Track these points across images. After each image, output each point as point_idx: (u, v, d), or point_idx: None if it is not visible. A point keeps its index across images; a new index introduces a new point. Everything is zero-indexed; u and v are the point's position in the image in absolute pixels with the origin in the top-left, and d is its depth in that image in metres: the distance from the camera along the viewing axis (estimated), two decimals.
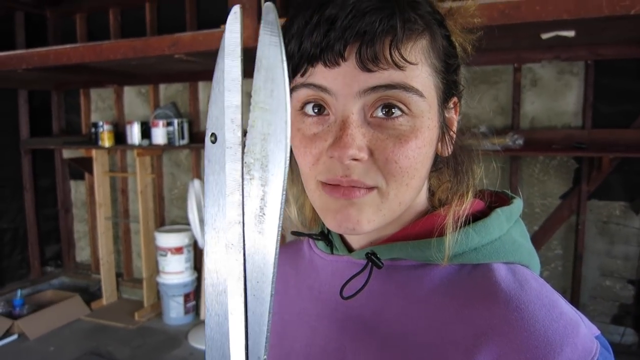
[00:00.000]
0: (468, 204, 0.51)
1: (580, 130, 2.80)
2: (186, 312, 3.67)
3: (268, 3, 0.31)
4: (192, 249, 3.72)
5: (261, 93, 0.31)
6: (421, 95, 0.46)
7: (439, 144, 0.52)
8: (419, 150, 0.47)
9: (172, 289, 3.60)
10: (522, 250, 0.53)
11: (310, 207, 0.60)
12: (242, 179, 0.35)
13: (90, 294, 4.18)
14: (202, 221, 3.30)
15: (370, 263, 0.51)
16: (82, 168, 4.24)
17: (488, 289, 0.47)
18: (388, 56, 0.43)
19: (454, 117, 0.54)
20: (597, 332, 0.46)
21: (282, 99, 0.31)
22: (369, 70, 0.43)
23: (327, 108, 0.46)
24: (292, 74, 0.47)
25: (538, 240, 3.02)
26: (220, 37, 1.51)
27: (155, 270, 3.82)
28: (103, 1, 4.02)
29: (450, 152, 0.54)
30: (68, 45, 2.69)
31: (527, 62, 2.88)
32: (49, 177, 4.49)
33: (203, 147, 2.41)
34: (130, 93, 4.16)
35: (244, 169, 0.33)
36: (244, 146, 0.34)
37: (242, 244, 0.35)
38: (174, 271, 3.60)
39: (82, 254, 4.63)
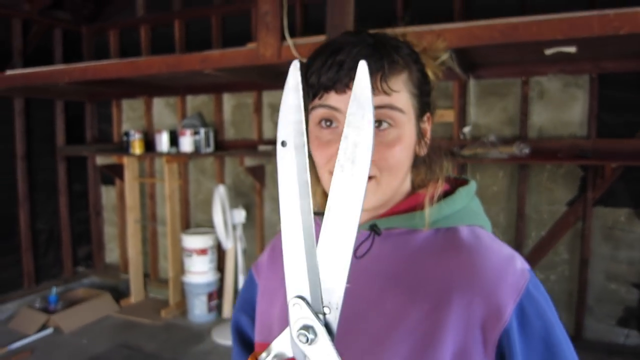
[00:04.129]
0: (440, 187, 0.70)
1: (585, 140, 2.94)
2: (209, 310, 3.88)
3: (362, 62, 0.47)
4: (215, 250, 3.93)
5: (355, 116, 0.47)
6: (402, 112, 0.65)
7: (417, 147, 0.71)
8: (402, 152, 0.66)
9: (196, 288, 3.81)
10: (478, 217, 0.73)
11: (321, 193, 0.79)
12: (309, 172, 0.50)
13: (119, 293, 4.41)
14: (226, 224, 3.51)
15: (372, 232, 0.70)
16: (113, 174, 4.50)
17: (456, 243, 0.67)
18: (379, 86, 0.63)
19: (427, 127, 0.72)
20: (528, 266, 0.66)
21: (368, 122, 0.46)
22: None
23: (337, 122, 0.66)
24: (312, 98, 0.66)
25: (545, 245, 3.15)
26: (245, 54, 1.80)
27: (180, 270, 4.04)
28: (135, 18, 4.30)
29: (425, 152, 0.72)
30: (106, 61, 2.95)
31: (535, 75, 3.03)
32: (82, 182, 4.77)
33: (226, 154, 2.74)
34: (159, 104, 4.42)
35: (337, 163, 0.48)
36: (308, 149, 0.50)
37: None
38: (199, 271, 3.81)
39: (111, 256, 4.89)
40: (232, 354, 0.89)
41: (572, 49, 2.36)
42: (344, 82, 0.62)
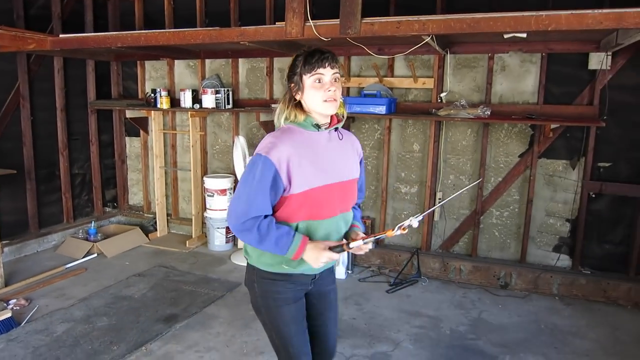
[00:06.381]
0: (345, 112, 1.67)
1: (535, 106, 3.74)
2: (227, 241, 4.67)
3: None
4: (233, 191, 4.69)
5: None
6: (342, 75, 1.62)
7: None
8: (340, 92, 1.59)
9: (217, 222, 4.59)
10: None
11: (301, 114, 1.61)
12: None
13: (144, 229, 5.15)
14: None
15: (335, 130, 1.66)
16: (138, 126, 5.16)
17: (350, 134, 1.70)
18: (336, 66, 1.57)
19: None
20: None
21: None
22: (332, 69, 1.56)
23: (322, 81, 1.55)
24: (309, 71, 1.54)
25: (501, 188, 3.99)
26: (275, 31, 2.85)
27: (201, 208, 4.80)
28: None
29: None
30: (157, 30, 3.55)
31: (499, 52, 3.80)
32: (109, 133, 5.42)
33: (242, 111, 3.93)
34: (179, 65, 5.05)
35: None
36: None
37: None
38: (219, 208, 4.56)
39: (135, 198, 5.61)
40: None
41: (523, 35, 3.12)
42: (327, 63, 1.52)
